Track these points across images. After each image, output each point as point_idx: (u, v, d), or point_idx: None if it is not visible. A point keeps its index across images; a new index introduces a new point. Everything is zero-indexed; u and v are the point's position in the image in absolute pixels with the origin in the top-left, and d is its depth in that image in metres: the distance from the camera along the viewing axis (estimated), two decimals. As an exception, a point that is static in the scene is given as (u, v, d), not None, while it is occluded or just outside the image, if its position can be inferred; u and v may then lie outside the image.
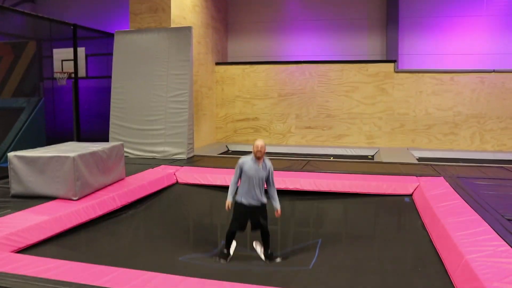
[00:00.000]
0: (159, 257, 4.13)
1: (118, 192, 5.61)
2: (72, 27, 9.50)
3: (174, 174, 6.95)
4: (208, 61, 10.92)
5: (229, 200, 4.25)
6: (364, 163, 8.18)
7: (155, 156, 8.42)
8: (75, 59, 9.65)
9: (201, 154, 8.96)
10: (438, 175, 6.71)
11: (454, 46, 11.67)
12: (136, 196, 5.85)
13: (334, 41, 12.21)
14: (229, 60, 12.33)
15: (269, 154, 9.98)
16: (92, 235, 4.51)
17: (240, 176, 4.27)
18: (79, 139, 9.44)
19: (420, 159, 9.19)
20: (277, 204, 4.30)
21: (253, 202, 4.18)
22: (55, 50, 10.07)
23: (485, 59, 11.41)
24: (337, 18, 12.21)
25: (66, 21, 9.53)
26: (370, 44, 12.02)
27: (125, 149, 7.38)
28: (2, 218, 4.38)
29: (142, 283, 2.91)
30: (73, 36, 9.55)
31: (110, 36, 9.57)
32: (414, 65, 11.63)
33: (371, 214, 5.75)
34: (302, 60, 11.45)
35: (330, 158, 9.25)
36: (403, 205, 5.76)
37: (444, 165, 7.81)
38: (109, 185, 5.92)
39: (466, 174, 6.86)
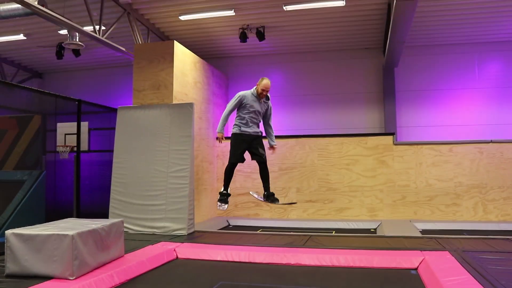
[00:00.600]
0: None
1: (117, 269, 5.47)
2: (76, 102, 9.73)
3: (174, 250, 6.82)
4: (209, 136, 11.07)
5: (221, 133, 4.17)
6: (366, 238, 8.05)
7: (155, 232, 8.30)
8: (78, 133, 9.78)
9: (201, 230, 8.84)
10: (443, 249, 6.58)
11: (450, 118, 11.92)
12: (135, 273, 5.70)
13: (333, 115, 12.47)
14: (230, 135, 12.48)
15: (270, 228, 9.90)
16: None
17: (235, 108, 4.23)
18: (79, 213, 9.36)
19: (423, 231, 9.06)
20: (273, 141, 4.27)
21: (252, 132, 4.10)
22: (59, 124, 10.25)
23: (483, 130, 11.60)
24: (335, 93, 12.55)
25: (71, 97, 9.77)
26: (368, 117, 12.26)
27: (125, 225, 7.30)
28: (-4, 300, 4.24)
29: None
30: (78, 110, 9.75)
31: (113, 111, 9.77)
32: (412, 137, 11.81)
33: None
34: (302, 134, 11.61)
35: (332, 232, 9.13)
36: (409, 278, 5.59)
37: (448, 237, 7.67)
38: (108, 262, 5.79)
39: (472, 247, 6.73)
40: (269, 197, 4.02)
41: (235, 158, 4.22)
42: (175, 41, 9.48)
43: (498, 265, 5.59)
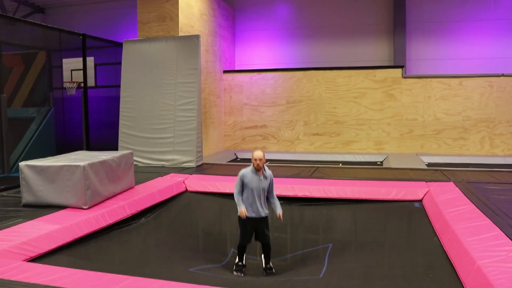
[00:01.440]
0: (169, 267, 4.14)
1: (128, 200, 5.63)
2: (81, 37, 9.59)
3: (184, 182, 6.96)
4: (216, 69, 10.97)
5: (242, 208, 4.18)
6: (373, 169, 8.15)
7: (164, 164, 8.44)
8: (84, 69, 9.71)
9: (210, 162, 8.98)
10: (448, 180, 6.67)
11: (462, 51, 11.64)
12: (146, 204, 5.86)
13: (341, 48, 12.22)
14: (237, 68, 12.38)
15: (277, 161, 10.02)
16: (103, 244, 4.53)
17: (242, 188, 4.24)
18: (89, 148, 9.49)
19: (429, 164, 9.14)
20: (278, 209, 4.27)
21: (257, 215, 4.16)
22: (64, 60, 10.17)
23: (494, 63, 11.36)
24: (344, 25, 12.23)
25: (75, 31, 9.62)
26: (377, 50, 12.02)
27: (134, 158, 7.41)
28: (14, 227, 4.41)
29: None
30: (83, 46, 9.63)
31: (119, 45, 9.65)
32: (422, 70, 11.61)
33: (381, 220, 5.72)
34: (309, 67, 11.46)
35: (338, 164, 9.23)
36: (413, 211, 5.72)
37: (453, 170, 7.76)
38: (119, 193, 5.95)
39: (476, 179, 6.82)
40: (266, 270, 4.08)
41: (246, 240, 4.20)
42: (179, -29, 9.16)
43: (500, 194, 5.68)
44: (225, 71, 11.63)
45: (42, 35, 10.75)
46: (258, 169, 4.23)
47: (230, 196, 6.34)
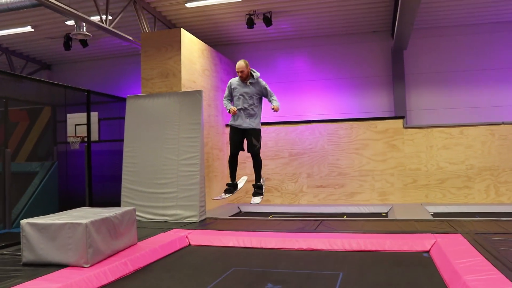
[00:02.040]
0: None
1: (130, 257, 5.54)
2: (85, 92, 9.77)
3: (187, 237, 6.88)
4: (218, 123, 11.08)
5: (230, 107, 4.51)
6: (378, 222, 8.04)
7: (167, 219, 8.36)
8: (88, 124, 9.85)
9: (213, 217, 8.89)
10: (455, 231, 6.56)
11: (461, 100, 11.82)
12: (148, 260, 5.76)
13: (343, 100, 12.42)
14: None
15: (281, 214, 9.93)
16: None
17: (231, 95, 4.47)
18: (91, 203, 9.45)
19: (435, 214, 9.03)
20: (275, 102, 4.72)
21: (242, 124, 4.34)
22: (69, 115, 10.33)
23: (494, 112, 11.49)
24: (344, 77, 12.48)
25: (80, 87, 9.81)
26: (378, 101, 12.19)
27: (137, 213, 7.36)
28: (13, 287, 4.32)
29: None
30: (87, 101, 9.81)
31: (122, 100, 9.80)
32: (423, 120, 11.73)
33: (389, 271, 5.57)
34: (311, 119, 11.57)
35: (343, 217, 9.13)
36: (422, 261, 5.59)
37: (460, 220, 7.65)
38: (121, 250, 5.86)
39: (484, 229, 6.71)
40: (255, 189, 4.36)
41: (232, 149, 4.58)
42: (182, 29, 9.45)
43: (510, 246, 5.56)
44: (227, 125, 11.71)
45: (48, 91, 10.98)
46: (241, 79, 4.45)
47: (234, 248, 6.30)
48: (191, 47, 9.81)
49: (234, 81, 4.66)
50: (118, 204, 8.67)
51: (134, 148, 8.91)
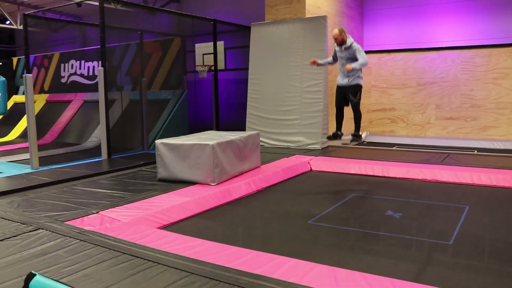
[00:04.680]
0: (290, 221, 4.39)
1: (254, 178, 5.77)
2: (212, 22, 10.00)
3: (309, 162, 6.95)
4: (343, 50, 10.70)
5: (317, 61, 6.43)
6: (515, 157, 7.34)
7: (289, 146, 8.50)
8: (215, 53, 10.15)
9: (335, 145, 8.83)
10: None
11: None
12: (271, 182, 5.95)
13: (480, 24, 11.14)
14: (365, 49, 11.95)
15: (406, 145, 9.54)
16: (228, 217, 4.67)
17: (333, 58, 6.38)
18: (218, 128, 9.93)
19: None
20: (353, 64, 5.72)
21: (342, 82, 6.04)
22: (196, 45, 10.72)
23: None
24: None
25: (207, 17, 10.05)
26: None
27: (261, 138, 7.56)
28: (151, 198, 4.81)
29: (272, 268, 2.92)
30: (213, 30, 10.06)
31: (247, 29, 9.87)
32: None
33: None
34: (443, 46, 10.65)
35: (473, 151, 8.49)
36: None
37: None
38: (245, 172, 6.12)
39: None
40: (353, 136, 5.08)
41: (336, 104, 6.27)
42: (307, -49, 9.04)
43: None
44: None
45: (177, 22, 11.44)
46: (338, 44, 6.08)
47: (355, 175, 6.25)
48: (316, -30, 9.40)
49: (336, 47, 6.23)
50: (243, 130, 8.98)
51: (258, 75, 9.04)
